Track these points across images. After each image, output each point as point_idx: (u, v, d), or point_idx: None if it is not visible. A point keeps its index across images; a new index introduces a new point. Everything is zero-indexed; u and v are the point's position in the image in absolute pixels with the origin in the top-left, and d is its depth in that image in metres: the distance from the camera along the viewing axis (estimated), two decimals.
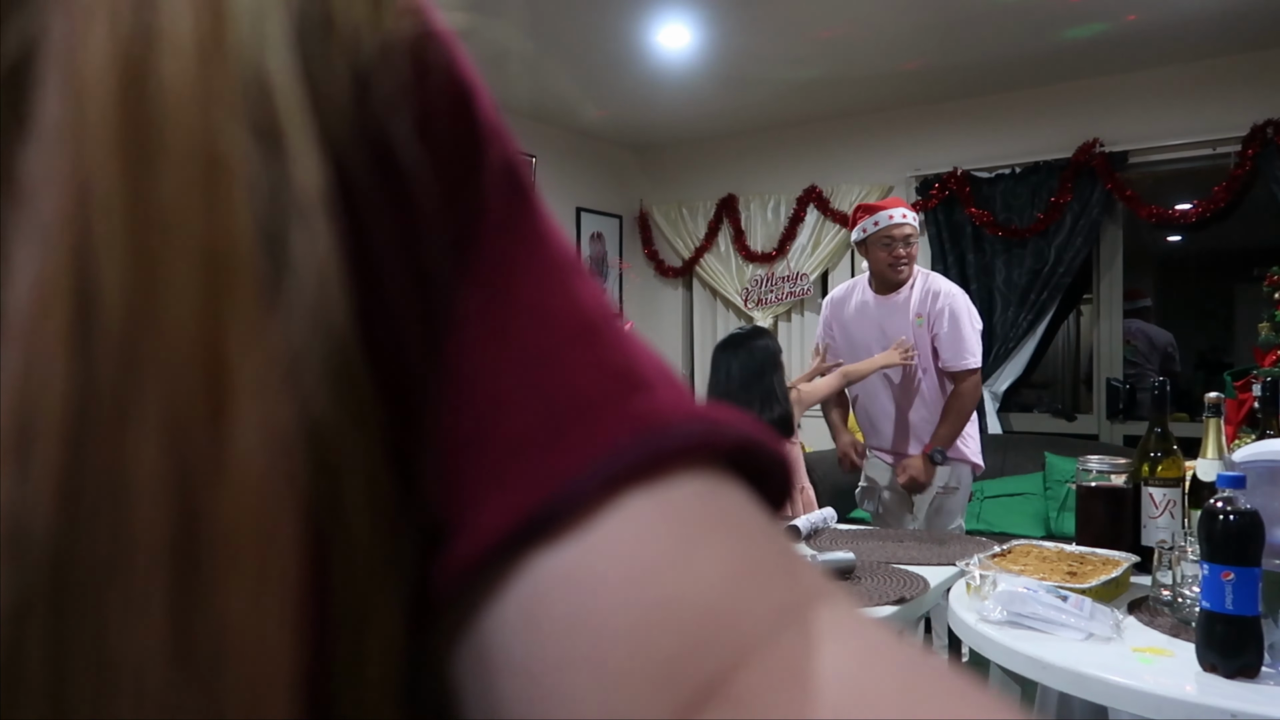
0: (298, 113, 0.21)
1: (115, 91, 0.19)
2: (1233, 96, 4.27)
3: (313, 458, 0.20)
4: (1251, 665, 1.15)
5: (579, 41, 4.15)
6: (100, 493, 0.17)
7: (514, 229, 0.25)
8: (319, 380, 0.20)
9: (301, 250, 0.20)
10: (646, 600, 0.21)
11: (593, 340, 0.24)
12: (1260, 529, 1.16)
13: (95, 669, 0.17)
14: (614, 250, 6.03)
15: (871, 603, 1.56)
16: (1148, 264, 5.96)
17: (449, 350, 0.24)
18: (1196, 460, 1.74)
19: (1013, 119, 4.86)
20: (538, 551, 0.22)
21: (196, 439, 0.18)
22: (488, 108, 0.26)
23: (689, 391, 0.25)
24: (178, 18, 0.20)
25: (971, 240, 4.90)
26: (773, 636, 0.21)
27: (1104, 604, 1.40)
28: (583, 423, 0.23)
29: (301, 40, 0.22)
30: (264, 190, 0.20)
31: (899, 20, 3.91)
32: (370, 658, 0.22)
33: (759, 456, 0.25)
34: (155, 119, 0.19)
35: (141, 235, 0.18)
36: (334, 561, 0.21)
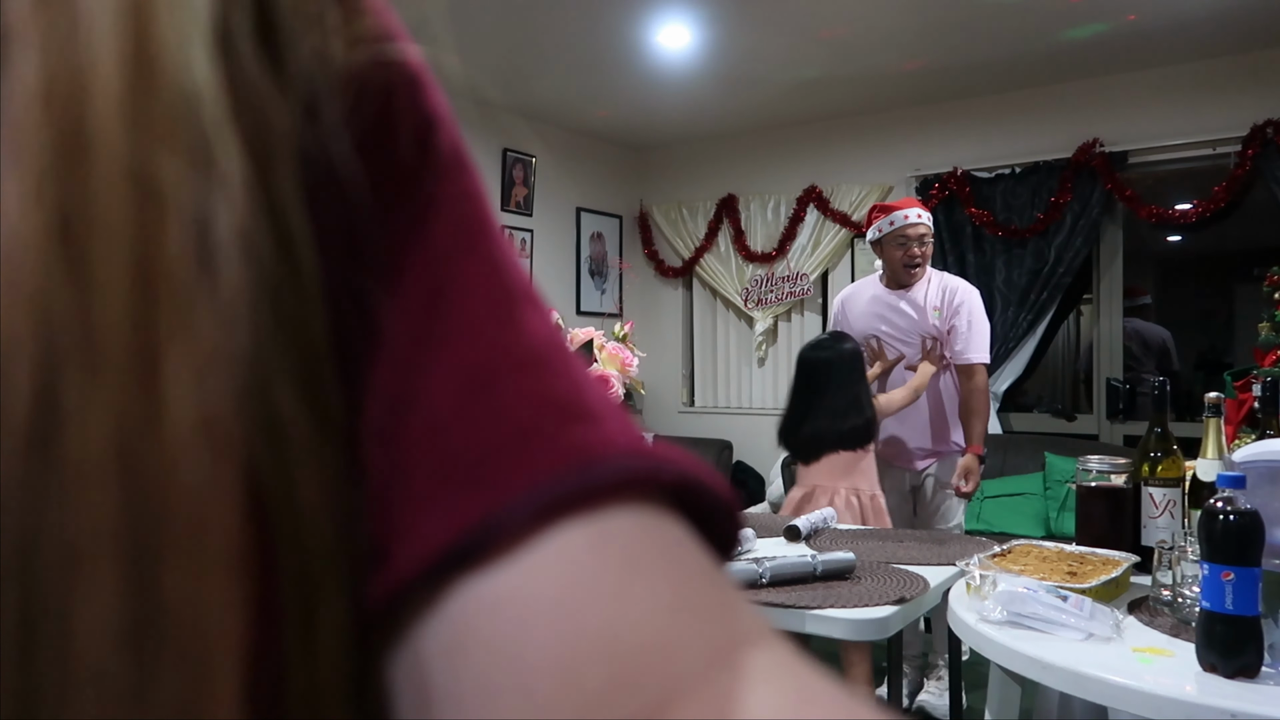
0: (227, 135, 0.21)
1: (46, 123, 0.19)
2: (1232, 96, 4.27)
3: (258, 445, 0.21)
4: (1251, 665, 1.15)
5: (579, 42, 4.15)
6: (56, 476, 0.19)
7: (463, 256, 0.25)
8: (256, 374, 0.21)
9: (229, 264, 0.21)
10: (577, 631, 0.21)
11: (537, 369, 0.25)
12: (1260, 529, 1.16)
13: (59, 646, 0.18)
14: (614, 250, 6.03)
15: (871, 603, 1.56)
16: (1148, 264, 5.96)
17: (379, 370, 0.24)
18: (1196, 460, 1.74)
19: (1013, 119, 4.86)
20: (468, 576, 0.22)
21: (136, 429, 0.19)
22: (448, 138, 0.27)
23: (635, 426, 0.25)
24: (104, 48, 0.20)
25: (971, 240, 4.91)
26: (705, 676, 0.21)
27: (1104, 604, 1.40)
28: (520, 450, 0.23)
29: (232, 63, 0.22)
30: (193, 209, 0.20)
31: (899, 20, 3.91)
32: (319, 651, 0.22)
33: (703, 495, 0.25)
34: (86, 147, 0.20)
35: (77, 254, 0.19)
36: (282, 548, 0.22)
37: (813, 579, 1.70)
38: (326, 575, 0.22)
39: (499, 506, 0.22)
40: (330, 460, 0.23)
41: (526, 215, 5.39)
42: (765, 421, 5.63)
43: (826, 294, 5.52)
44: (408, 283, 0.25)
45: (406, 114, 0.26)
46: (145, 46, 0.21)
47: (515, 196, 5.30)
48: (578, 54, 4.33)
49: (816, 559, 1.73)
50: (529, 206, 5.39)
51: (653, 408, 6.03)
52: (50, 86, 0.20)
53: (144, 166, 0.20)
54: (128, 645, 0.19)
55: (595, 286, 5.89)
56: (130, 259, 0.20)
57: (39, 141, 0.19)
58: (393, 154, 0.25)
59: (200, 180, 0.21)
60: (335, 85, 0.24)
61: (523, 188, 5.34)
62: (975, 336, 2.99)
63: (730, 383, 5.85)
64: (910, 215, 3.01)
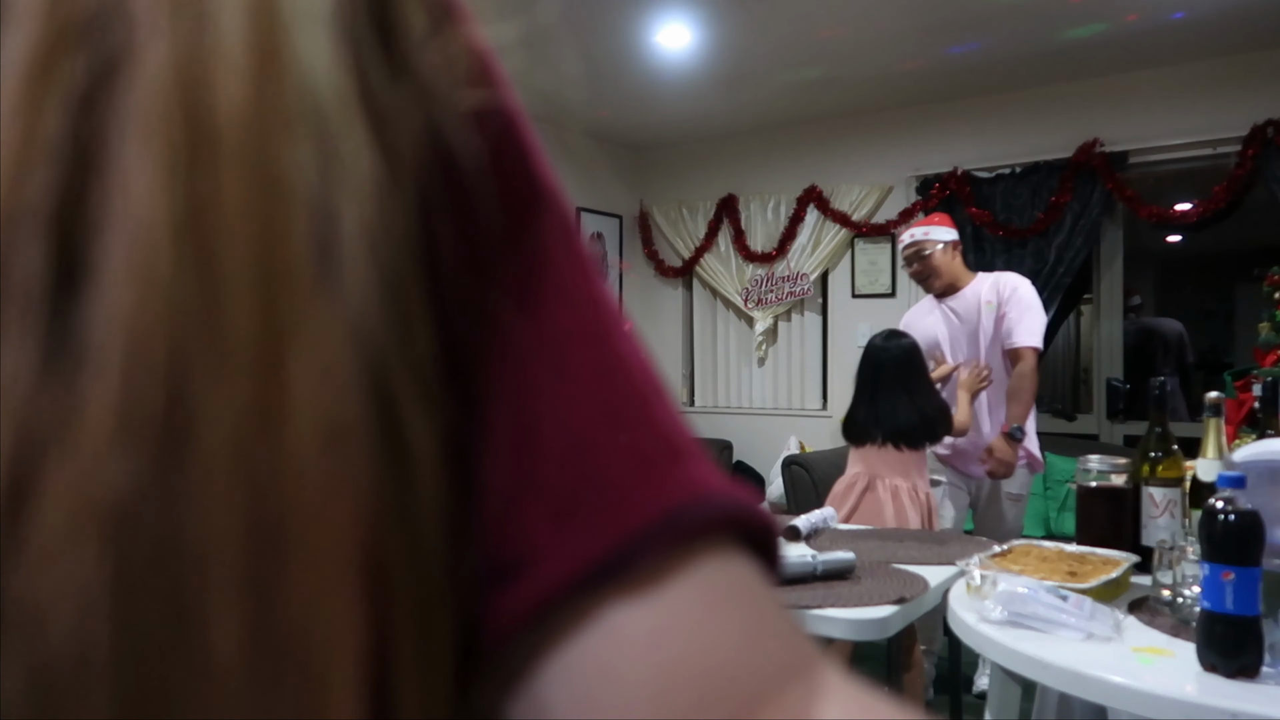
0: (356, 129, 0.22)
1: (175, 113, 0.20)
2: (1232, 96, 4.27)
3: (380, 451, 0.21)
4: (1251, 665, 1.15)
5: (579, 41, 4.15)
6: (185, 477, 0.19)
7: (573, 290, 0.27)
8: (377, 378, 0.21)
9: (354, 262, 0.21)
10: (688, 658, 0.23)
11: (651, 404, 0.26)
12: (1260, 529, 1.16)
13: (189, 652, 0.18)
14: (614, 250, 6.03)
15: (871, 602, 1.56)
16: (1148, 264, 5.96)
17: (503, 381, 0.25)
18: (1197, 460, 1.74)
19: (1013, 119, 4.86)
20: (607, 601, 0.23)
21: (260, 430, 0.19)
22: (548, 174, 0.28)
23: (714, 461, 0.26)
24: (231, 37, 0.20)
25: (971, 240, 4.90)
26: (781, 690, 0.24)
27: (1104, 604, 1.40)
28: (649, 482, 0.24)
29: (359, 60, 0.23)
30: (320, 203, 0.21)
31: (899, 20, 3.91)
32: (431, 668, 0.22)
33: (760, 527, 0.26)
34: (215, 138, 0.20)
35: (205, 246, 0.19)
36: (400, 561, 0.22)
37: (813, 579, 1.70)
38: (441, 590, 0.23)
39: (633, 535, 0.23)
40: (448, 472, 0.23)
41: None
42: (765, 421, 5.63)
43: (826, 294, 5.52)
44: (542, 307, 0.25)
45: (521, 147, 0.28)
46: (271, 36, 0.21)
47: None
48: (578, 53, 4.33)
49: (817, 559, 1.73)
50: None
51: None
52: (179, 76, 0.20)
53: (271, 158, 0.20)
54: (250, 653, 0.19)
55: None
56: (257, 253, 0.20)
57: (168, 131, 0.19)
58: (513, 181, 0.26)
59: (327, 173, 0.21)
60: (459, 103, 0.25)
61: None
62: (1025, 321, 3.10)
63: (730, 383, 5.85)
64: (905, 236, 3.34)
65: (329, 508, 0.20)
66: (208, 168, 0.20)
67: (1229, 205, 4.26)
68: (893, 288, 5.26)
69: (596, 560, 0.23)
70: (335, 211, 0.21)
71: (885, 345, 2.77)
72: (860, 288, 5.36)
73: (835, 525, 2.32)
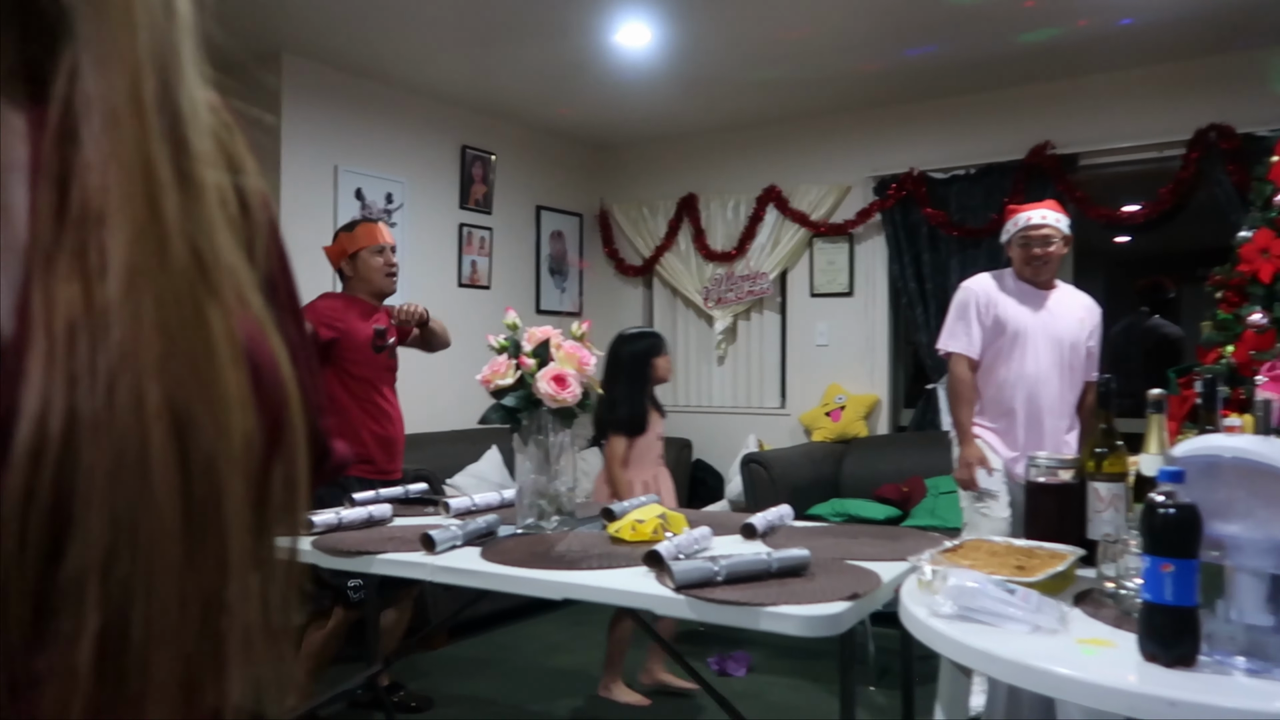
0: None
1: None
2: (1177, 101, 4.37)
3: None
4: (1189, 655, 1.19)
5: (539, 39, 4.15)
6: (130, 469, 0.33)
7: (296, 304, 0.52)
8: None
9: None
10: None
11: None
12: (1198, 522, 1.19)
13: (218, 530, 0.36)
14: (574, 249, 6.02)
15: (825, 599, 1.58)
16: (1098, 264, 6.07)
17: (292, 343, 0.46)
18: (1140, 455, 1.79)
19: (968, 121, 4.94)
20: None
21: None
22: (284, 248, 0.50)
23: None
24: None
25: (927, 240, 4.97)
26: None
27: (1051, 597, 1.43)
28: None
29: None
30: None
31: (857, 23, 3.95)
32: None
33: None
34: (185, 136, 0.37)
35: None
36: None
37: (768, 576, 1.72)
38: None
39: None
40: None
41: (486, 213, 5.36)
42: (725, 420, 5.66)
43: (785, 293, 5.56)
44: (295, 320, 0.50)
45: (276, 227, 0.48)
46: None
47: (474, 194, 5.28)
48: (538, 51, 4.32)
49: (772, 556, 1.75)
50: (488, 204, 5.37)
51: None
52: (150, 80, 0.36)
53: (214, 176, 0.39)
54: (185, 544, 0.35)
55: (555, 285, 5.88)
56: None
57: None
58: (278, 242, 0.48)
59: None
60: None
61: (482, 185, 5.32)
62: (1097, 354, 3.21)
63: (690, 381, 5.87)
64: (1035, 216, 3.18)
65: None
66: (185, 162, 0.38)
67: (1174, 207, 4.37)
68: (850, 287, 5.32)
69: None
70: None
71: (628, 341, 3.38)
72: (819, 287, 5.41)
73: (791, 523, 2.34)
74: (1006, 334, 3.13)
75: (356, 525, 2.36)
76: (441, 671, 3.78)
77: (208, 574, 0.36)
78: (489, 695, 3.56)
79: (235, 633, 0.37)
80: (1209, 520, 1.20)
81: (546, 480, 2.30)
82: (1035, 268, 3.15)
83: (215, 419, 0.36)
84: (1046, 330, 3.13)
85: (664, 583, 1.71)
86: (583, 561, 1.92)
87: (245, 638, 0.38)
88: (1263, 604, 1.16)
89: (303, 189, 4.35)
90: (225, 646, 0.37)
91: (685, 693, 3.51)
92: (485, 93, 4.95)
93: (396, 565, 2.03)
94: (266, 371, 0.41)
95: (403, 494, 2.77)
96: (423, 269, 4.95)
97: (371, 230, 3.21)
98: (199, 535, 0.35)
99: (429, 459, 4.18)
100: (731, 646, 3.90)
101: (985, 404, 3.20)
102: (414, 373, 4.88)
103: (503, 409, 2.27)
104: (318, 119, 4.46)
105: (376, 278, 3.19)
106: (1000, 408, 3.16)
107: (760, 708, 3.38)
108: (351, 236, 3.21)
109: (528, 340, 2.32)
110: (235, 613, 0.37)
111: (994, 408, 3.18)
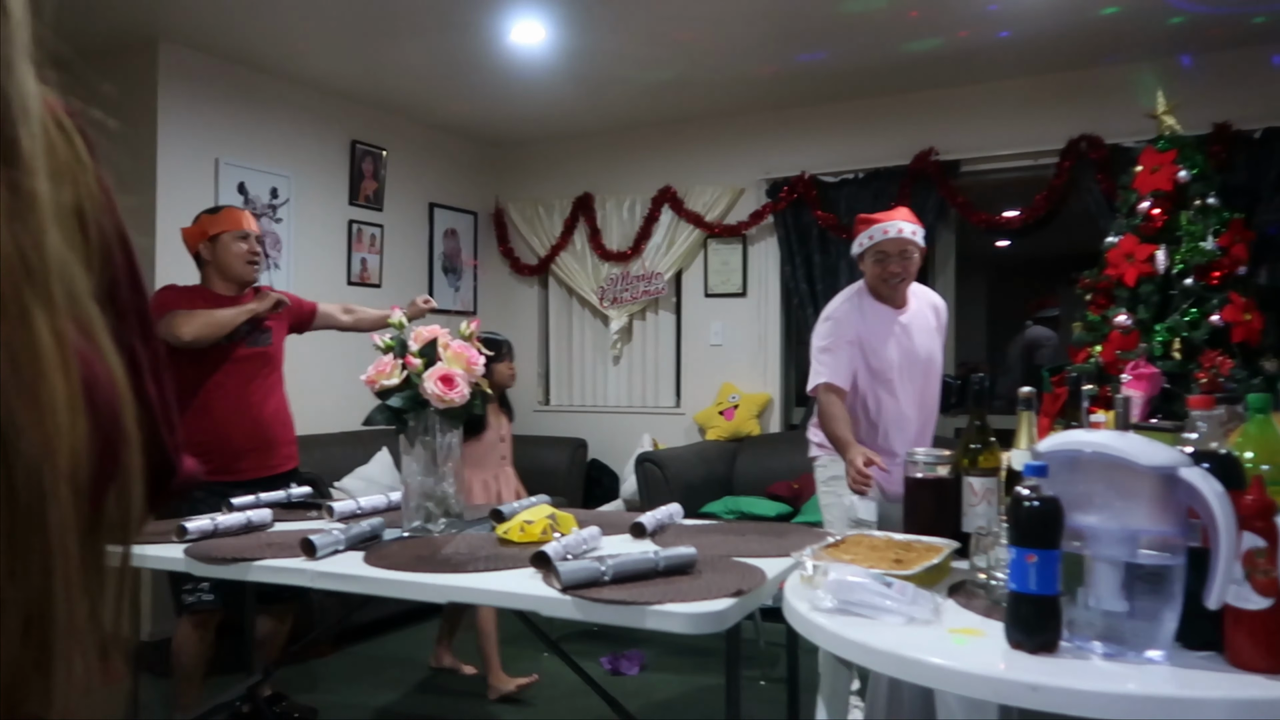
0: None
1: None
2: (1051, 112, 4.57)
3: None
4: (1052, 641, 1.24)
5: (432, 33, 4.07)
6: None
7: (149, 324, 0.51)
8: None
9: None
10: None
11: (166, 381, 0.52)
12: (1060, 514, 1.24)
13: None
14: (468, 247, 5.94)
15: (710, 596, 1.59)
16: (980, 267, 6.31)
17: (139, 360, 0.48)
18: (1012, 451, 1.86)
19: (857, 126, 5.06)
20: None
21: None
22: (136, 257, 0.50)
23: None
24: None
25: (818, 242, 5.08)
26: None
27: (926, 589, 1.47)
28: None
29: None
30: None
31: (750, 27, 4.01)
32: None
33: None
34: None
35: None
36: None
37: (655, 574, 1.72)
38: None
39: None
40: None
41: (377, 210, 5.24)
42: (620, 419, 5.67)
43: (680, 293, 5.60)
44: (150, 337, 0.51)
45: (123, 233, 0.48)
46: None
47: (364, 190, 5.15)
48: (431, 45, 4.24)
49: (659, 555, 1.75)
50: (379, 201, 5.25)
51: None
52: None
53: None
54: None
55: (449, 284, 5.79)
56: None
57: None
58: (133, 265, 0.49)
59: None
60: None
61: (372, 181, 5.20)
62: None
63: (586, 381, 5.86)
64: (890, 229, 2.88)
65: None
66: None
67: (1049, 213, 4.57)
68: (744, 287, 5.39)
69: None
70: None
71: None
72: (713, 287, 5.47)
73: (681, 521, 2.35)
74: (869, 373, 2.92)
75: (234, 531, 2.28)
76: (328, 680, 3.67)
77: (31, 582, 0.35)
78: (378, 703, 3.48)
79: (60, 643, 0.37)
80: (1070, 512, 1.25)
81: (433, 482, 2.26)
82: (893, 285, 2.92)
83: (40, 425, 0.35)
84: (907, 360, 2.95)
85: (551, 584, 1.69)
86: (469, 564, 1.89)
87: (71, 648, 0.37)
88: (1118, 591, 1.22)
89: (181, 182, 4.16)
90: (49, 656, 0.36)
91: (471, 675, 3.72)
92: (376, 87, 4.84)
93: (275, 572, 1.96)
94: (100, 382, 0.40)
95: (284, 498, 2.68)
96: (310, 266, 4.81)
97: (237, 215, 3.09)
98: (22, 543, 0.34)
99: (316, 462, 4.07)
100: (625, 645, 3.91)
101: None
102: (302, 371, 4.73)
103: (388, 410, 2.21)
104: (197, 109, 4.28)
105: (237, 264, 3.04)
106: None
107: (650, 705, 3.39)
108: (215, 218, 3.08)
109: (415, 340, 2.27)
110: (60, 622, 0.36)
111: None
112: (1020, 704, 1.16)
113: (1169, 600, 1.20)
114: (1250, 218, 3.99)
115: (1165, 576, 1.20)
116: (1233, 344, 3.65)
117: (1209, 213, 3.76)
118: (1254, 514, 1.16)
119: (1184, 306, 3.71)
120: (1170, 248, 3.76)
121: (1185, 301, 3.72)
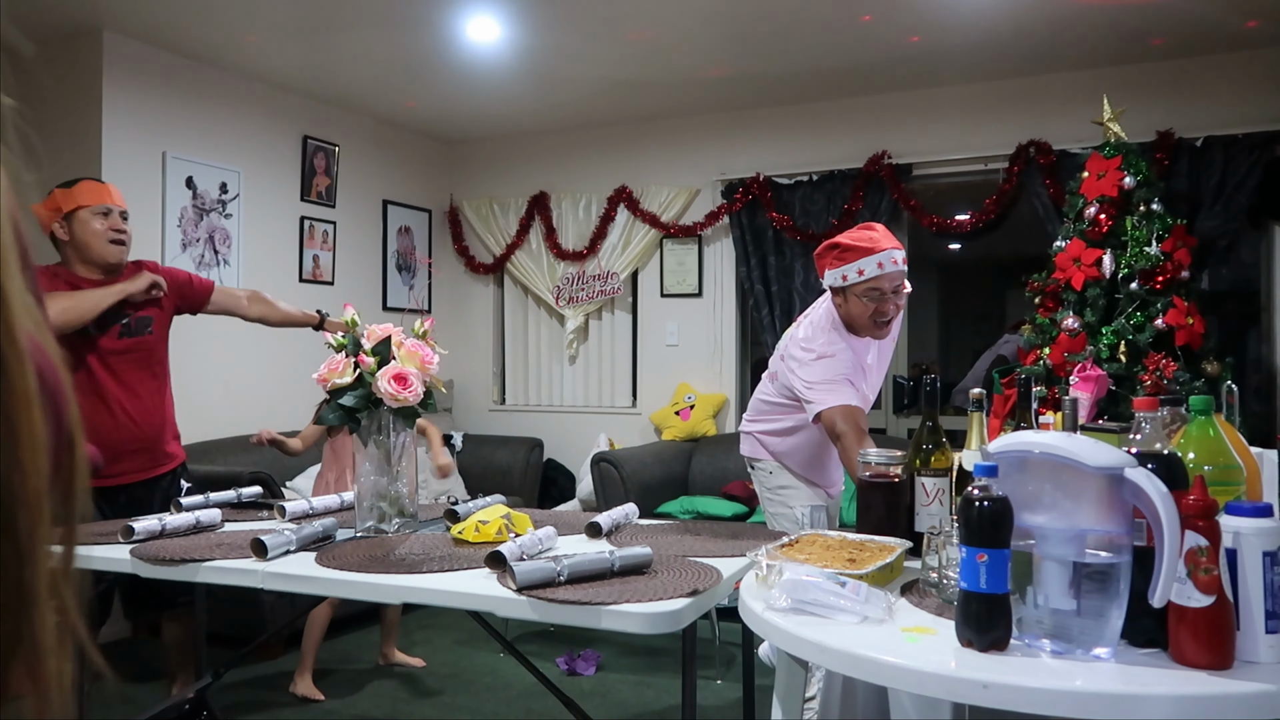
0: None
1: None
2: (1001, 117, 4.66)
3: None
4: (1002, 639, 1.25)
5: (385, 29, 4.03)
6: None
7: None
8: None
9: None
10: None
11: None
12: (1009, 513, 1.26)
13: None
14: (423, 245, 5.89)
15: (665, 596, 1.59)
16: (933, 269, 6.40)
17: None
18: (963, 451, 1.89)
19: (812, 129, 5.11)
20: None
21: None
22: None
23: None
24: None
25: (773, 243, 5.11)
26: None
27: (879, 588, 1.49)
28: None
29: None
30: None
31: (705, 28, 4.02)
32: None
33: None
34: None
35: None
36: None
37: (610, 575, 1.72)
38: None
39: None
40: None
41: (329, 206, 5.18)
42: (576, 419, 5.66)
43: (636, 293, 5.60)
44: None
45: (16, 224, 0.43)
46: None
47: (317, 186, 5.08)
48: (385, 42, 4.20)
49: (615, 555, 1.75)
50: (331, 197, 5.19)
51: (463, 406, 5.93)
52: None
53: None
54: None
55: (403, 282, 5.73)
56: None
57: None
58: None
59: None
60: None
61: (325, 177, 5.13)
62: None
63: (541, 381, 5.84)
64: (885, 261, 2.55)
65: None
66: None
67: (998, 217, 4.65)
68: (699, 288, 5.41)
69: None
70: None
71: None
72: (669, 287, 5.48)
73: (636, 521, 2.35)
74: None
75: (181, 532, 2.23)
76: (279, 682, 3.61)
77: (6, 584, 0.35)
78: (328, 705, 3.43)
79: (30, 643, 0.38)
80: (1019, 512, 1.27)
81: (387, 482, 2.23)
82: (882, 326, 2.61)
83: (9, 423, 0.35)
84: (875, 382, 2.81)
85: (505, 584, 1.68)
86: (423, 564, 1.87)
87: (42, 647, 0.38)
88: (1066, 590, 1.24)
89: (127, 175, 4.07)
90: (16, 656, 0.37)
91: (415, 670, 3.78)
92: (328, 82, 4.77)
93: (225, 573, 1.93)
94: (47, 372, 0.39)
95: (234, 498, 2.63)
96: (261, 263, 4.73)
97: (98, 189, 2.79)
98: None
99: (268, 461, 4.00)
100: (581, 645, 3.90)
101: (799, 458, 2.76)
102: (253, 369, 4.66)
103: (340, 408, 2.18)
104: (144, 101, 4.19)
105: (96, 243, 2.73)
106: (819, 464, 2.80)
107: (606, 706, 3.39)
108: (69, 194, 2.74)
109: (368, 338, 2.25)
110: (36, 624, 0.38)
111: (813, 465, 2.78)
112: (972, 701, 1.17)
113: (1115, 598, 1.22)
114: (1192, 224, 4.10)
115: (1111, 575, 1.22)
116: (1176, 347, 3.74)
117: (1153, 218, 3.85)
118: (1196, 513, 1.18)
119: (1129, 310, 3.80)
120: (1116, 252, 3.84)
121: (1130, 305, 3.80)
